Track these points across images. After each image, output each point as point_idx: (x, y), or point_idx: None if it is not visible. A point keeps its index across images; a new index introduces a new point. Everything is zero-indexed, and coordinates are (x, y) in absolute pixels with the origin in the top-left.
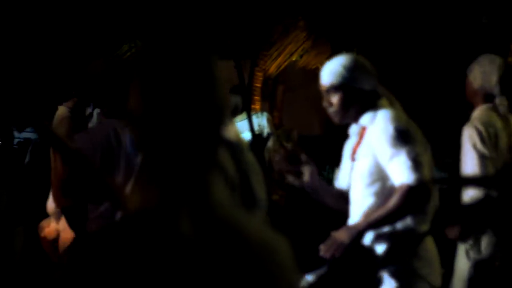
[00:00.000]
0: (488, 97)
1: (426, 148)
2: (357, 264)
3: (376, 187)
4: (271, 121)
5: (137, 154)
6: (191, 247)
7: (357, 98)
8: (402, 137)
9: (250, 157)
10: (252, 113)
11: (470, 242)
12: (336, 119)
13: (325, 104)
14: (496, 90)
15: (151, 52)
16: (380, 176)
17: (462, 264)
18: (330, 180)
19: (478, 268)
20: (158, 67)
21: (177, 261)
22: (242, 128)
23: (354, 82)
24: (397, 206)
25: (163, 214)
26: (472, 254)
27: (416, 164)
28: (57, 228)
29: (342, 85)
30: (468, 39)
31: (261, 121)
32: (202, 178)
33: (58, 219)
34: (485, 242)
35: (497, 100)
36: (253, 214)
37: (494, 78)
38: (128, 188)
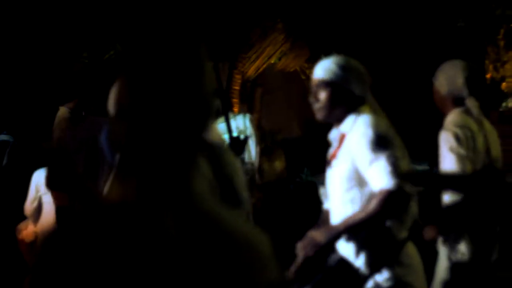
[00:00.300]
0: (458, 101)
1: (405, 154)
2: (342, 276)
3: (354, 192)
4: (253, 123)
5: (112, 152)
6: (173, 240)
7: (344, 100)
8: (381, 143)
9: (232, 158)
10: (234, 115)
11: (451, 246)
12: (319, 115)
13: (311, 99)
14: (464, 92)
15: (137, 48)
16: (358, 182)
17: (444, 268)
18: (308, 182)
19: (458, 271)
20: (146, 61)
21: (159, 255)
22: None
23: (345, 82)
24: (376, 210)
25: (143, 208)
26: (454, 258)
27: (396, 170)
28: (35, 230)
29: (332, 83)
30: (444, 42)
31: (243, 123)
32: (185, 173)
33: (36, 222)
34: (465, 245)
35: (468, 102)
36: (237, 211)
37: (460, 81)
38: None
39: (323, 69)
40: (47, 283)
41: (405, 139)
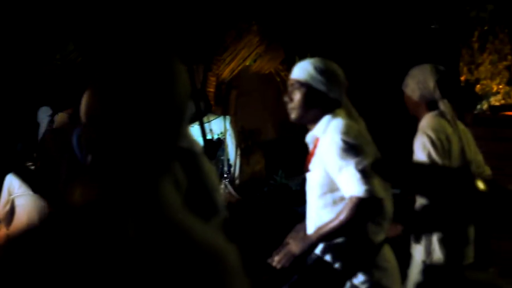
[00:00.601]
0: (431, 105)
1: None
2: (318, 278)
3: (327, 198)
4: (233, 125)
5: (83, 155)
6: (133, 246)
7: (318, 101)
8: (350, 149)
9: (206, 162)
10: (215, 117)
11: (425, 249)
12: (292, 116)
13: (286, 98)
14: (436, 94)
15: (108, 52)
16: (331, 188)
17: (417, 271)
18: (282, 185)
19: (432, 274)
20: (118, 66)
21: (118, 260)
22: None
23: (320, 85)
24: (348, 218)
25: (105, 211)
26: (428, 261)
27: (366, 176)
28: (7, 233)
29: (307, 84)
30: (418, 44)
31: (224, 125)
32: (154, 180)
33: (8, 225)
34: (439, 249)
35: (441, 105)
36: (212, 222)
37: (431, 84)
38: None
39: (300, 69)
40: (5, 281)
41: (379, 142)
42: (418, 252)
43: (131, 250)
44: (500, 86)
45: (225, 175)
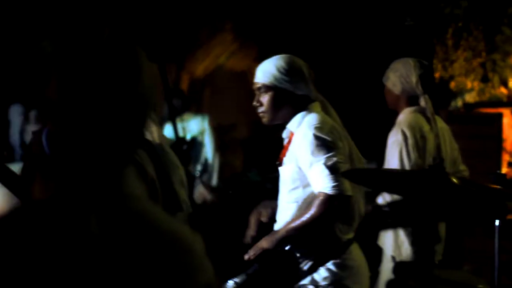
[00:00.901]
0: (411, 100)
1: (352, 156)
2: (280, 274)
3: (298, 193)
4: (211, 124)
5: (50, 150)
6: (97, 240)
7: (288, 101)
8: (322, 145)
9: (174, 159)
10: (192, 116)
11: (393, 244)
12: (264, 120)
13: (255, 103)
14: (418, 90)
15: (70, 42)
16: (302, 182)
17: (387, 268)
18: (255, 182)
19: (402, 272)
20: (77, 55)
21: (80, 255)
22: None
23: (286, 85)
24: (316, 214)
25: (66, 206)
26: (397, 258)
27: (335, 173)
28: None
29: (273, 86)
30: (392, 41)
31: (202, 124)
32: (116, 172)
33: None
34: (407, 244)
35: (422, 101)
36: (176, 216)
37: (413, 79)
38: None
39: (264, 72)
40: None
41: (355, 138)
42: (387, 247)
43: (94, 243)
44: (475, 83)
45: (197, 174)
